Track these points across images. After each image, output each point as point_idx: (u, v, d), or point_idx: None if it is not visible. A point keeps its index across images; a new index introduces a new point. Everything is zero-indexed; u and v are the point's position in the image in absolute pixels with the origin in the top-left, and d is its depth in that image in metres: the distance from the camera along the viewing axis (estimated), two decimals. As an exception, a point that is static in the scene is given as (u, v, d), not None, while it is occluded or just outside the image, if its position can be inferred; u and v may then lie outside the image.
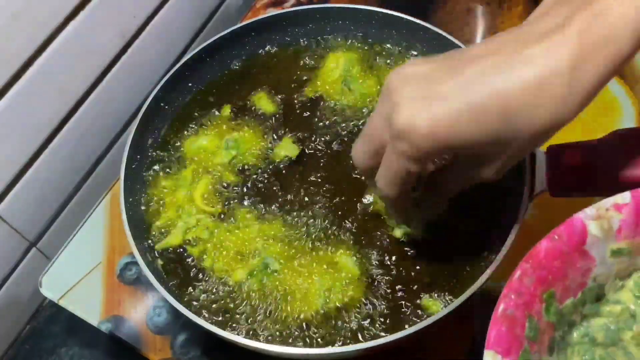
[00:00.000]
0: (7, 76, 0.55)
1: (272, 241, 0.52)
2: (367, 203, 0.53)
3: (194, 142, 0.59)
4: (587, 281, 0.39)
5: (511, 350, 0.34)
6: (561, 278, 0.37)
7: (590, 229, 0.37)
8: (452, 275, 0.50)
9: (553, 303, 0.37)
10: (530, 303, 0.35)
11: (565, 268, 0.37)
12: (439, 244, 0.51)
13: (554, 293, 0.37)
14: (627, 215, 0.38)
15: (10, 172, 0.59)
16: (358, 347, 0.44)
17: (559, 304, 0.37)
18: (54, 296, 0.59)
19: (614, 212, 0.38)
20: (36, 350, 0.63)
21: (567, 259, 0.37)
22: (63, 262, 0.61)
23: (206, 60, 0.63)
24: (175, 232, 0.54)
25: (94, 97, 0.65)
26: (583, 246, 0.37)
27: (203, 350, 0.56)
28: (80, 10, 0.60)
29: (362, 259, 0.51)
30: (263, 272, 0.51)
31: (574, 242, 0.37)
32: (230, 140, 0.59)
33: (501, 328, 0.34)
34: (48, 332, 0.64)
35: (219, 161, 0.57)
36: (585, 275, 0.38)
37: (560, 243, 0.37)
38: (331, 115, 0.60)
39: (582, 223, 0.37)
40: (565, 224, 0.38)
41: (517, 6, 0.77)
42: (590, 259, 0.38)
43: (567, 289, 0.38)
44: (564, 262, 0.37)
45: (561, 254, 0.37)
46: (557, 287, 0.37)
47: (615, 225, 0.38)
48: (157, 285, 0.48)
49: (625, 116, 0.66)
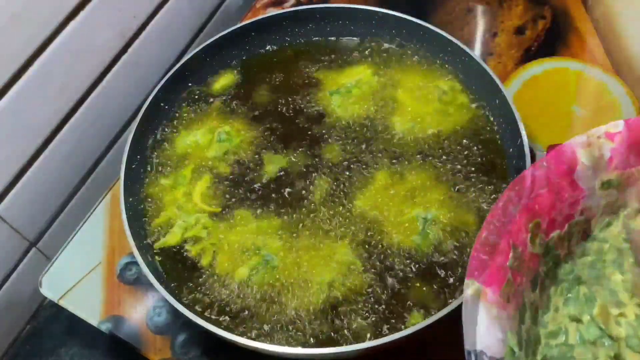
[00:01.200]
0: (7, 76, 0.55)
1: (271, 237, 0.52)
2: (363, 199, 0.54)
3: (185, 138, 0.59)
4: (574, 214, 0.37)
5: (493, 279, 0.32)
6: (548, 208, 0.35)
7: (580, 157, 0.35)
8: (452, 275, 0.50)
9: (539, 234, 0.35)
10: (514, 232, 0.33)
11: (552, 198, 0.35)
12: (439, 243, 0.51)
13: (540, 223, 0.35)
14: (619, 144, 0.36)
15: (10, 172, 0.59)
16: (358, 347, 0.44)
17: (545, 235, 0.35)
18: (54, 296, 0.59)
19: (606, 140, 0.36)
20: (36, 350, 0.63)
21: (554, 188, 0.35)
22: (63, 262, 0.61)
23: (206, 60, 0.64)
24: (174, 231, 0.54)
25: (93, 97, 0.65)
26: (572, 175, 0.35)
27: (203, 350, 0.56)
28: (80, 10, 0.60)
29: (360, 248, 0.51)
30: (264, 268, 0.51)
31: (563, 170, 0.35)
32: (222, 133, 0.59)
33: (482, 256, 0.32)
34: (48, 332, 0.64)
35: (212, 154, 0.58)
36: (573, 207, 0.36)
37: (549, 171, 0.35)
38: (332, 125, 0.60)
39: (572, 150, 0.35)
40: (555, 150, 0.36)
41: (517, 6, 0.77)
42: (578, 190, 0.36)
43: (553, 221, 0.35)
44: (551, 192, 0.35)
45: (549, 182, 0.35)
46: (543, 217, 0.35)
47: (607, 154, 0.36)
48: (157, 285, 0.48)
49: (625, 116, 0.66)
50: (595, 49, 0.71)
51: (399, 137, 0.58)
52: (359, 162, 0.57)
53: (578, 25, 0.73)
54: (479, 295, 0.31)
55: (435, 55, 0.62)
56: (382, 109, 0.60)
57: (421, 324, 0.44)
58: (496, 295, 0.32)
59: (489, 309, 0.31)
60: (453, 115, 0.59)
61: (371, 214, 0.53)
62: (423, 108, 0.59)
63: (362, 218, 0.53)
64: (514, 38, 0.73)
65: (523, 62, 0.71)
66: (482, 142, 0.57)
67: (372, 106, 0.60)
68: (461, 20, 0.76)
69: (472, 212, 0.52)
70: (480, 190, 0.54)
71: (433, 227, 0.51)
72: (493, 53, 0.72)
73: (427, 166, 0.56)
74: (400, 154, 0.57)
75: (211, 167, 0.58)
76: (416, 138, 0.58)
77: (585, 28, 0.73)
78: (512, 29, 0.74)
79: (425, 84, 0.61)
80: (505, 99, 0.54)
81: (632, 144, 0.36)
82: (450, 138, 0.57)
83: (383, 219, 0.53)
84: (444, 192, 0.54)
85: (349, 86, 0.62)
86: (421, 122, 0.58)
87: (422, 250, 0.51)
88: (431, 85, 0.61)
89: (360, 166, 0.56)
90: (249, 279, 0.51)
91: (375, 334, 0.47)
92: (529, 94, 0.69)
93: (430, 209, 0.52)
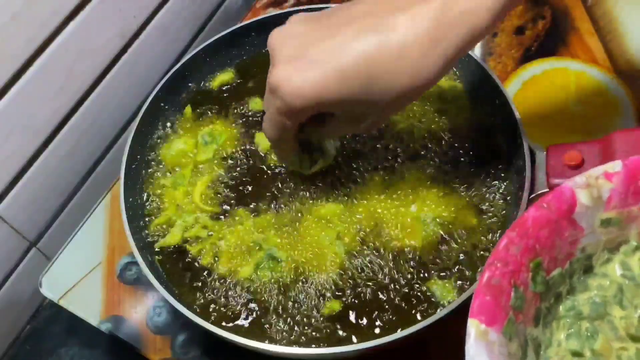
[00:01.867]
0: (7, 76, 0.55)
1: (269, 232, 0.53)
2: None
3: (169, 149, 0.59)
4: (575, 252, 0.38)
5: (496, 319, 0.33)
6: (549, 247, 0.36)
7: (579, 198, 0.36)
8: (452, 275, 0.50)
9: (540, 273, 0.36)
10: (516, 272, 0.34)
11: (553, 237, 0.36)
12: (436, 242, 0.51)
13: (541, 262, 0.36)
14: (618, 184, 0.36)
15: (10, 172, 0.59)
16: (358, 347, 0.44)
17: (546, 274, 0.36)
18: (54, 296, 0.59)
19: (604, 180, 0.37)
20: (36, 350, 0.63)
21: (555, 227, 0.36)
22: (63, 262, 0.61)
23: (206, 60, 0.64)
24: (174, 231, 0.54)
25: (93, 97, 0.65)
26: (572, 215, 0.36)
27: (203, 350, 0.56)
28: (80, 10, 0.60)
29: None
30: (269, 263, 0.51)
31: (563, 211, 0.36)
32: (206, 135, 0.59)
33: (485, 297, 0.33)
34: (48, 332, 0.64)
35: (203, 158, 0.58)
36: (574, 245, 0.37)
37: (549, 211, 0.36)
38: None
39: (571, 191, 0.36)
40: (554, 192, 0.37)
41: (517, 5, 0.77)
42: (578, 229, 0.37)
43: (554, 259, 0.36)
44: (551, 231, 0.36)
45: (549, 222, 0.36)
46: (544, 256, 0.36)
47: (605, 195, 0.37)
48: (157, 285, 0.48)
49: (625, 116, 0.66)
50: (595, 49, 0.71)
51: (398, 136, 0.58)
52: (357, 159, 0.56)
53: (578, 25, 0.73)
54: (482, 335, 0.32)
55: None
56: None
57: (421, 324, 0.44)
58: (499, 335, 0.33)
59: (491, 349, 0.32)
60: (453, 115, 0.59)
61: (370, 209, 0.53)
62: (422, 107, 0.59)
63: (361, 211, 0.53)
64: (514, 38, 0.73)
65: (523, 62, 0.71)
66: (482, 142, 0.57)
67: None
68: (461, 20, 0.76)
69: (471, 211, 0.52)
70: (480, 190, 0.54)
71: (431, 225, 0.51)
72: (493, 53, 0.72)
73: (426, 165, 0.55)
74: (400, 152, 0.56)
75: (208, 168, 0.58)
76: (415, 137, 0.57)
77: (585, 28, 0.73)
78: (512, 29, 0.74)
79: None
80: (505, 99, 0.54)
81: (630, 183, 0.37)
82: (449, 137, 0.57)
83: (381, 216, 0.53)
84: (444, 191, 0.54)
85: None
86: (421, 121, 0.58)
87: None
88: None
89: (357, 163, 0.56)
90: (257, 273, 0.51)
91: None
92: (529, 94, 0.69)
93: (430, 206, 0.52)
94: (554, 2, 0.76)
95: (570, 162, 0.47)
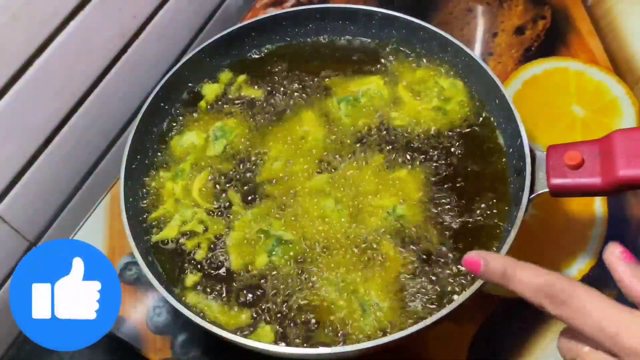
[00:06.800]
0: (7, 76, 0.55)
1: (270, 218, 0.53)
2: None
3: (185, 138, 0.59)
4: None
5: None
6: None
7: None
8: (451, 276, 0.50)
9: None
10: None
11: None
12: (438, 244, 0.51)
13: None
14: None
15: (10, 172, 0.59)
16: (358, 347, 0.44)
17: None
18: (54, 296, 0.59)
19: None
20: (36, 350, 0.63)
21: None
22: (63, 262, 0.60)
23: (206, 60, 0.64)
24: (172, 224, 0.54)
25: (94, 97, 0.65)
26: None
27: (203, 350, 0.56)
28: (80, 10, 0.60)
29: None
30: (280, 246, 0.51)
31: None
32: (217, 130, 0.59)
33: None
34: (48, 332, 0.64)
35: (212, 153, 0.58)
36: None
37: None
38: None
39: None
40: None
41: (517, 6, 0.77)
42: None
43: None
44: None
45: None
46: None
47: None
48: (157, 285, 0.48)
49: (625, 116, 0.66)
50: (595, 49, 0.71)
51: (396, 133, 0.58)
52: (353, 153, 0.57)
53: (578, 25, 0.73)
54: None
55: (435, 55, 0.62)
56: (381, 107, 0.60)
57: (421, 324, 0.44)
58: None
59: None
60: (452, 114, 0.59)
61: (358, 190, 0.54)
62: (422, 105, 0.59)
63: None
64: (514, 38, 0.73)
65: (523, 62, 0.71)
66: (482, 142, 0.57)
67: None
68: (461, 20, 0.76)
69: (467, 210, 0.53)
70: (479, 190, 0.54)
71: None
72: (493, 53, 0.72)
73: (425, 164, 0.55)
74: (397, 149, 0.57)
75: (211, 164, 0.58)
76: (414, 136, 0.58)
77: (585, 28, 0.73)
78: (512, 29, 0.74)
79: (425, 82, 0.61)
80: (505, 99, 0.54)
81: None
82: (449, 137, 0.57)
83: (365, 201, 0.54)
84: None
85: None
86: (419, 119, 0.58)
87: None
88: (431, 83, 0.61)
89: (353, 157, 0.56)
90: (272, 260, 0.51)
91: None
92: (529, 94, 0.69)
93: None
94: (554, 2, 0.76)
95: (570, 162, 0.47)
